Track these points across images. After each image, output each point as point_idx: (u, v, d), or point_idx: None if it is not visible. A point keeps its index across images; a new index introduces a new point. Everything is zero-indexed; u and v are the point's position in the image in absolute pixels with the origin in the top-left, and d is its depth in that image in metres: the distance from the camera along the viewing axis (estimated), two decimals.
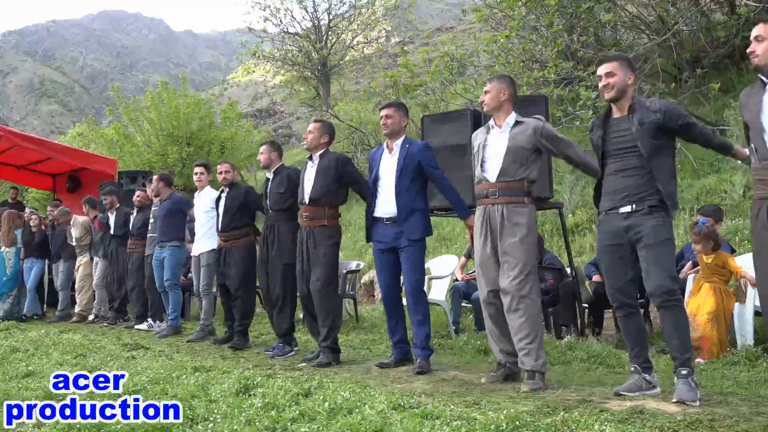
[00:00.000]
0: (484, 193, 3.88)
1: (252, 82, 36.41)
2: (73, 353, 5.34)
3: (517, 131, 3.85)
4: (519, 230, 3.75)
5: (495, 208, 3.81)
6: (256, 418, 3.04)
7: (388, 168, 4.50)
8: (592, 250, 7.21)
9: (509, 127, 3.89)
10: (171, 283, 6.99)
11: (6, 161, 10.97)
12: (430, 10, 47.94)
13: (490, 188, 3.84)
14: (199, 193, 6.67)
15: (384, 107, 4.63)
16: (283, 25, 25.06)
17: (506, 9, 10.25)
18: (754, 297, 4.67)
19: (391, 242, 4.45)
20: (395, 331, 4.63)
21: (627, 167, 3.40)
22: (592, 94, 8.85)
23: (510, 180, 3.80)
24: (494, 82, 3.98)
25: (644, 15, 9.94)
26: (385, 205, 4.48)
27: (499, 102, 3.93)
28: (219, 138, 14.86)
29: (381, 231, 4.50)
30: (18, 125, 51.51)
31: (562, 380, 3.92)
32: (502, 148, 3.85)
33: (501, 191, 3.81)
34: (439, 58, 11.15)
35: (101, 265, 8.28)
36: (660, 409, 3.07)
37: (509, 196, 3.80)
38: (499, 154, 3.85)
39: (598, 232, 3.61)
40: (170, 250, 6.98)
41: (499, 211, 3.79)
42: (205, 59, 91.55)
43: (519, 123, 3.88)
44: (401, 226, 4.38)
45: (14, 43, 79.69)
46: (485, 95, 3.96)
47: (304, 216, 4.90)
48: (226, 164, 6.22)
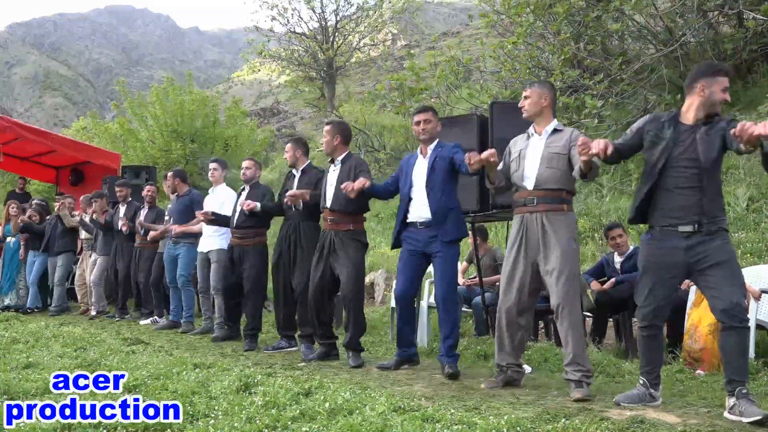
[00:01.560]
0: (521, 201, 3.81)
1: (257, 81, 36.47)
2: (73, 346, 5.33)
3: (553, 139, 3.79)
4: (560, 239, 3.66)
5: (533, 217, 3.74)
6: (257, 416, 3.04)
7: (421, 172, 4.40)
8: (593, 258, 7.21)
9: (547, 135, 3.82)
10: (185, 281, 6.88)
11: (10, 152, 10.98)
12: (437, 15, 48.01)
13: (528, 196, 3.77)
14: (213, 189, 6.58)
15: (420, 112, 4.48)
16: (290, 24, 25.10)
17: (514, 15, 10.26)
18: (756, 310, 4.67)
19: (423, 247, 4.34)
20: (403, 333, 4.52)
21: (689, 183, 3.24)
22: (598, 102, 8.86)
23: (548, 188, 3.72)
24: (535, 88, 3.89)
25: (652, 25, 9.94)
26: (418, 209, 4.36)
27: (540, 108, 3.84)
28: (223, 136, 14.89)
29: (414, 235, 4.38)
30: (22, 117, 51.56)
31: (563, 387, 3.92)
32: (538, 155, 3.78)
33: (539, 199, 3.73)
34: (445, 63, 11.16)
35: (101, 261, 8.20)
36: (660, 419, 3.07)
37: (548, 203, 3.72)
38: (536, 161, 3.77)
39: (646, 247, 3.43)
40: (186, 247, 6.86)
41: (538, 220, 3.71)
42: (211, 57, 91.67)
43: (557, 131, 3.82)
44: (436, 229, 4.27)
45: (21, 35, 79.83)
46: (525, 101, 3.86)
47: (329, 220, 4.82)
48: (249, 160, 6.05)
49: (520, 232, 3.78)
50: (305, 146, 5.51)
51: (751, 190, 7.16)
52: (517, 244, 3.79)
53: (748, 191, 7.15)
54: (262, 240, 5.88)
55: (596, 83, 9.02)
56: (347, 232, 4.75)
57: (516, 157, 3.88)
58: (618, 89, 9.27)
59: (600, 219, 7.97)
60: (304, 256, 5.11)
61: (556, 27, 9.58)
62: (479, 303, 6.04)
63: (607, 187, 8.91)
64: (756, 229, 6.70)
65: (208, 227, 6.42)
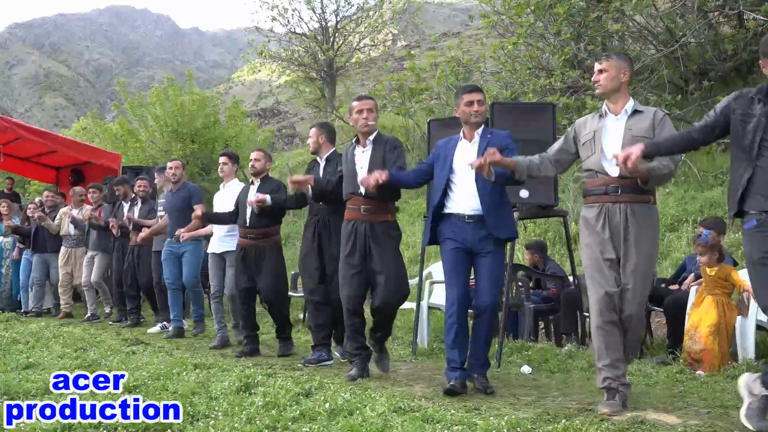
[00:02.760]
0: (602, 189, 3.38)
1: (257, 82, 36.45)
2: (73, 346, 5.34)
3: (635, 120, 3.39)
4: (644, 232, 3.31)
5: (616, 207, 3.33)
6: (257, 416, 3.04)
7: (467, 159, 3.79)
8: None
9: (627, 115, 3.42)
10: (194, 283, 6.47)
11: (10, 153, 10.97)
12: (437, 15, 47.99)
13: (611, 184, 3.34)
14: (225, 184, 6.12)
15: (472, 91, 3.92)
16: (290, 25, 25.07)
17: (514, 16, 10.26)
18: (756, 311, 4.67)
19: (471, 244, 3.80)
20: (462, 349, 3.83)
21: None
22: (598, 103, 8.85)
23: (633, 176, 3.26)
24: (612, 60, 3.45)
25: (652, 26, 9.94)
26: (465, 201, 3.82)
27: (619, 83, 3.42)
28: (223, 136, 14.86)
29: (458, 229, 3.82)
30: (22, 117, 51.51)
31: (563, 388, 3.92)
32: (619, 138, 3.37)
33: (624, 188, 3.32)
34: (446, 63, 11.17)
35: (102, 260, 7.90)
36: (660, 419, 3.07)
37: (634, 194, 3.32)
38: (617, 145, 3.34)
39: (749, 240, 2.98)
40: (192, 245, 6.37)
41: (622, 211, 3.32)
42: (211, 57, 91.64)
43: (638, 112, 3.41)
44: (488, 225, 3.76)
45: (21, 35, 79.84)
46: (600, 74, 3.43)
47: (361, 209, 4.21)
48: (258, 152, 5.54)
49: (603, 224, 3.35)
50: (331, 131, 5.00)
51: None
52: (596, 239, 3.37)
53: None
54: (277, 240, 5.44)
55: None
56: (384, 224, 4.22)
57: (589, 140, 3.46)
58: None
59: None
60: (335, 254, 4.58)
61: (557, 27, 9.59)
62: None
63: None
64: None
65: (220, 227, 5.95)
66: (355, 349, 4.28)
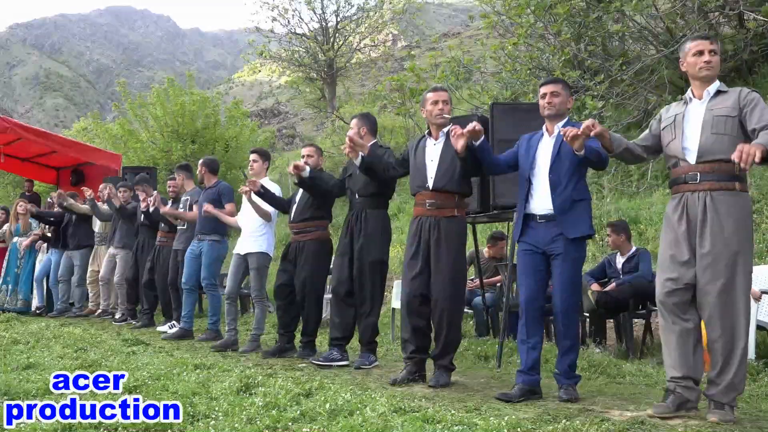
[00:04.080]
0: (682, 178, 3.21)
1: (257, 82, 36.50)
2: (73, 347, 5.34)
3: (717, 101, 3.21)
4: (726, 221, 3.07)
5: (696, 196, 3.14)
6: (257, 416, 3.04)
7: (545, 153, 3.69)
8: (594, 259, 7.21)
9: (710, 96, 3.25)
10: (209, 283, 6.22)
11: (10, 153, 10.97)
12: (437, 15, 48.04)
13: (690, 171, 3.17)
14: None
15: (548, 83, 3.78)
16: (290, 25, 25.13)
17: (514, 16, 10.27)
18: (756, 311, 4.67)
19: (543, 245, 3.65)
20: (531, 354, 3.66)
21: None
22: (599, 103, 8.86)
23: (715, 160, 3.10)
24: (717, 44, 3.29)
25: (652, 26, 9.95)
26: (539, 200, 3.67)
27: (718, 70, 3.28)
28: (224, 136, 14.88)
29: (532, 231, 3.69)
30: (23, 118, 51.60)
31: None
32: (699, 120, 3.20)
33: (703, 175, 3.13)
34: (446, 63, 11.17)
35: (124, 257, 7.82)
36: (660, 420, 3.07)
37: (714, 180, 3.12)
38: (697, 128, 3.19)
39: None
40: (209, 244, 6.18)
41: (701, 200, 3.12)
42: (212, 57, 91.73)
43: (721, 92, 3.24)
44: (559, 224, 3.60)
45: (21, 35, 79.94)
46: (710, 55, 3.23)
47: (427, 204, 4.03)
48: (311, 147, 5.45)
49: (681, 214, 3.18)
50: (373, 123, 4.83)
51: (751, 191, 7.15)
52: (676, 228, 3.20)
53: (750, 192, 7.13)
54: (322, 234, 5.22)
55: (597, 84, 9.02)
56: (450, 220, 4.01)
57: (670, 125, 3.32)
58: (618, 90, 9.28)
59: (601, 220, 7.96)
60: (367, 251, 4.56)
61: (557, 28, 9.59)
62: (480, 304, 6.05)
63: (607, 188, 8.91)
64: (756, 230, 6.69)
65: (248, 225, 5.75)
66: (410, 353, 4.12)
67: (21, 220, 9.16)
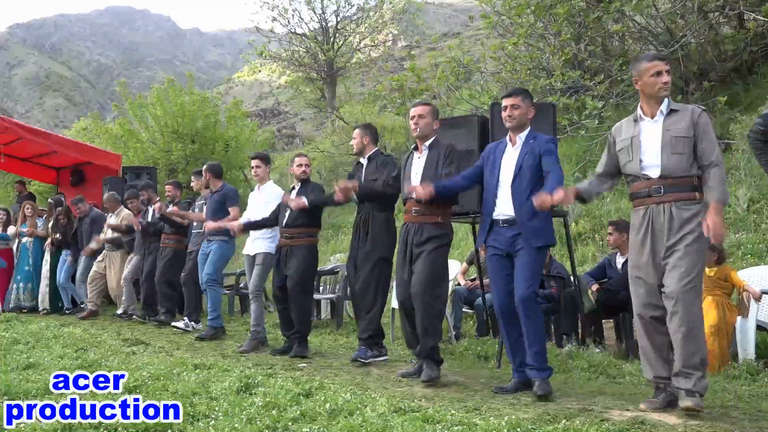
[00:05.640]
0: (645, 192, 3.43)
1: (257, 82, 36.50)
2: (73, 347, 5.34)
3: (672, 120, 3.41)
4: (690, 230, 3.29)
5: (660, 208, 3.36)
6: (257, 416, 3.04)
7: (509, 163, 3.93)
8: (594, 259, 7.21)
9: (663, 116, 3.44)
10: (209, 279, 6.41)
11: (10, 153, 10.98)
12: (438, 16, 48.04)
13: (653, 185, 3.39)
14: (260, 186, 6.15)
15: (508, 95, 4.00)
16: (290, 25, 25.10)
17: (514, 16, 10.27)
18: (756, 311, 4.68)
19: (506, 248, 3.87)
20: (516, 350, 3.89)
21: None
22: (599, 103, 8.86)
23: (677, 176, 3.34)
24: (669, 64, 3.47)
25: (652, 26, 9.95)
26: (502, 205, 3.90)
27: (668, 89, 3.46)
28: (223, 137, 14.89)
29: (496, 235, 3.93)
30: (22, 118, 51.57)
31: (563, 388, 3.92)
32: (658, 140, 3.40)
33: (667, 188, 3.36)
34: (446, 63, 11.16)
35: (135, 261, 8.03)
36: (660, 420, 3.08)
37: (677, 192, 3.35)
38: (656, 147, 3.40)
39: None
40: (217, 244, 6.43)
41: (666, 211, 3.35)
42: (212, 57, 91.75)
43: (674, 111, 3.43)
44: (519, 229, 3.81)
45: (21, 35, 79.95)
46: (667, 75, 3.41)
47: (413, 211, 4.28)
48: (305, 157, 5.67)
49: (646, 225, 3.40)
50: (374, 132, 5.08)
51: (751, 191, 7.15)
52: (641, 240, 3.42)
53: (749, 192, 7.14)
54: (311, 240, 5.46)
55: (597, 84, 9.03)
56: (435, 224, 4.23)
57: (626, 147, 3.51)
58: (619, 90, 9.28)
59: (601, 220, 7.97)
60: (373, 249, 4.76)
61: (557, 28, 9.59)
62: (480, 304, 6.04)
63: None
64: (756, 230, 6.69)
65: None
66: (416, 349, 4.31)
67: (28, 221, 9.22)
